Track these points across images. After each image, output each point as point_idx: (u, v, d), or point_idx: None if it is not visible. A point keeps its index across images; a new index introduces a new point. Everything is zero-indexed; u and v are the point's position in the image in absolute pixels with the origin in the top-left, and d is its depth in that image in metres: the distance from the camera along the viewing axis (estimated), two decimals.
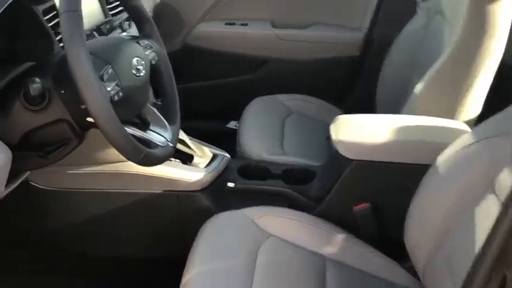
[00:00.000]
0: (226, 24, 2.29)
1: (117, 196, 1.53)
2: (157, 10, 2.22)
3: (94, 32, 1.32)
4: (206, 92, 2.41)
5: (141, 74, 1.15)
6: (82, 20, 0.98)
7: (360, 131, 1.44)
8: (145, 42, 1.24)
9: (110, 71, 1.05)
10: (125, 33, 1.50)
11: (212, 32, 2.29)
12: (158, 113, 1.26)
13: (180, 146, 1.61)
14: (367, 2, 2.18)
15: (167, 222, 1.60)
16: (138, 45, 1.20)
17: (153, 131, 1.22)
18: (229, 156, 1.70)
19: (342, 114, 2.11)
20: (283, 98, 2.14)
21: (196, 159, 1.62)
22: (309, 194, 1.58)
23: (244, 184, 1.60)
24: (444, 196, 1.12)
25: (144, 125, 1.23)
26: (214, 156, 1.67)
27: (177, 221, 1.59)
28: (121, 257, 1.66)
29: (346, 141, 1.43)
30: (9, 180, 1.15)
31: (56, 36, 1.29)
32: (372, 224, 1.47)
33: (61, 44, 1.30)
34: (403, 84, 1.81)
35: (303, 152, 1.86)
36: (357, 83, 2.28)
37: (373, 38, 2.19)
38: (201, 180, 1.55)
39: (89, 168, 1.47)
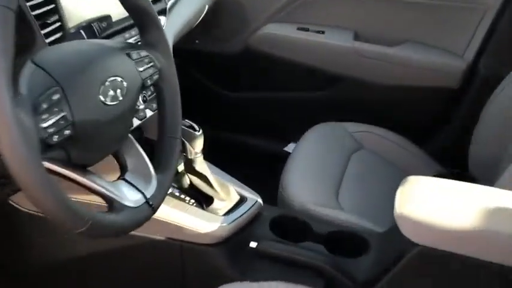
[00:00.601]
0: (298, 29, 1.89)
1: None
2: (218, 4, 1.86)
3: (81, 31, 0.96)
4: (265, 104, 2.03)
5: (116, 102, 0.80)
6: (12, 22, 0.65)
7: (434, 206, 1.04)
8: (143, 54, 0.89)
9: (57, 96, 0.71)
10: (131, 39, 1.13)
11: (280, 36, 1.90)
12: (143, 155, 0.90)
13: (198, 183, 1.27)
14: (478, 25, 1.71)
15: (165, 276, 1.26)
16: (126, 58, 0.85)
17: (127, 181, 0.86)
18: (261, 201, 1.32)
19: (424, 157, 1.71)
20: (353, 127, 1.73)
21: (216, 203, 1.26)
22: (354, 274, 1.20)
23: (271, 246, 1.23)
24: None
25: (120, 171, 0.88)
26: (242, 200, 1.31)
27: (177, 278, 1.25)
28: None
29: (413, 218, 1.04)
30: None
31: (42, 29, 0.97)
32: None
33: (48, 40, 0.98)
34: (505, 139, 1.36)
35: (362, 207, 1.45)
36: (449, 123, 1.81)
37: (478, 70, 1.71)
38: (215, 232, 1.20)
39: (79, 196, 1.15)
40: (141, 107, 1.22)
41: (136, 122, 1.22)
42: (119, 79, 0.81)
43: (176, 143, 0.95)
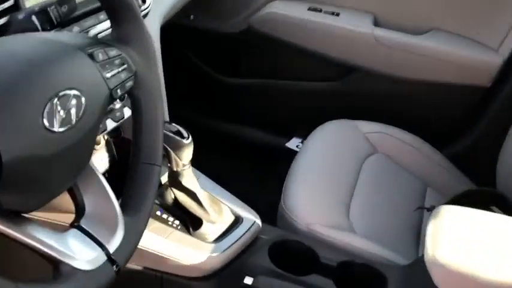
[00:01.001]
0: (309, 9, 1.63)
1: None
2: None
3: (33, 17, 0.71)
4: (267, 93, 1.79)
5: (68, 126, 0.57)
6: None
7: (476, 254, 0.86)
8: (113, 52, 0.65)
9: None
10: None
11: (288, 16, 1.63)
12: (107, 189, 0.67)
13: (185, 200, 1.04)
14: None
15: None
16: (87, 60, 0.62)
17: (83, 230, 0.64)
18: (259, 222, 1.11)
19: (449, 166, 1.49)
20: (367, 127, 1.50)
21: (205, 227, 1.04)
22: None
23: (269, 284, 1.01)
24: None
25: (75, 214, 0.66)
26: (236, 222, 1.09)
27: None
28: None
29: (449, 268, 0.86)
30: None
31: None
32: None
33: None
34: None
35: (377, 229, 1.24)
36: (475, 125, 1.58)
37: None
38: (203, 264, 0.99)
39: (43, 214, 0.92)
40: (118, 106, 1.00)
41: (111, 125, 1.00)
42: (74, 93, 0.58)
43: (154, 173, 0.72)
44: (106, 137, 1.09)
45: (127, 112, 1.02)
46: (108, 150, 1.12)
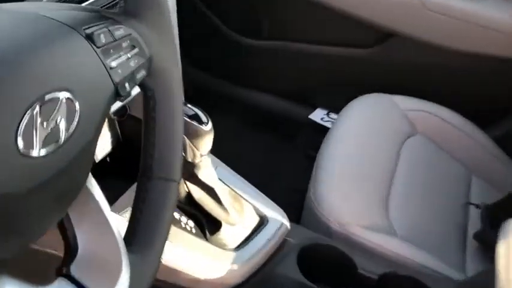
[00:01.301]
0: None
1: None
2: None
3: None
4: (290, 57, 1.58)
5: (53, 149, 0.38)
6: None
7: None
8: (120, 32, 0.46)
9: None
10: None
11: None
12: (108, 218, 0.49)
13: (201, 197, 0.87)
14: None
15: None
16: (84, 43, 0.42)
17: (73, 280, 0.46)
18: (287, 223, 0.93)
19: (500, 155, 1.30)
20: (406, 103, 1.32)
21: (224, 230, 0.87)
22: None
23: None
24: None
25: (64, 256, 0.48)
26: (261, 223, 0.91)
27: None
28: None
29: None
30: None
31: None
32: None
33: None
34: None
35: (421, 229, 1.07)
36: None
37: None
38: (222, 278, 0.82)
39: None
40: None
41: (116, 104, 0.81)
42: (65, 95, 0.39)
43: (170, 192, 0.54)
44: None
45: (134, 89, 0.83)
46: (111, 129, 0.95)
